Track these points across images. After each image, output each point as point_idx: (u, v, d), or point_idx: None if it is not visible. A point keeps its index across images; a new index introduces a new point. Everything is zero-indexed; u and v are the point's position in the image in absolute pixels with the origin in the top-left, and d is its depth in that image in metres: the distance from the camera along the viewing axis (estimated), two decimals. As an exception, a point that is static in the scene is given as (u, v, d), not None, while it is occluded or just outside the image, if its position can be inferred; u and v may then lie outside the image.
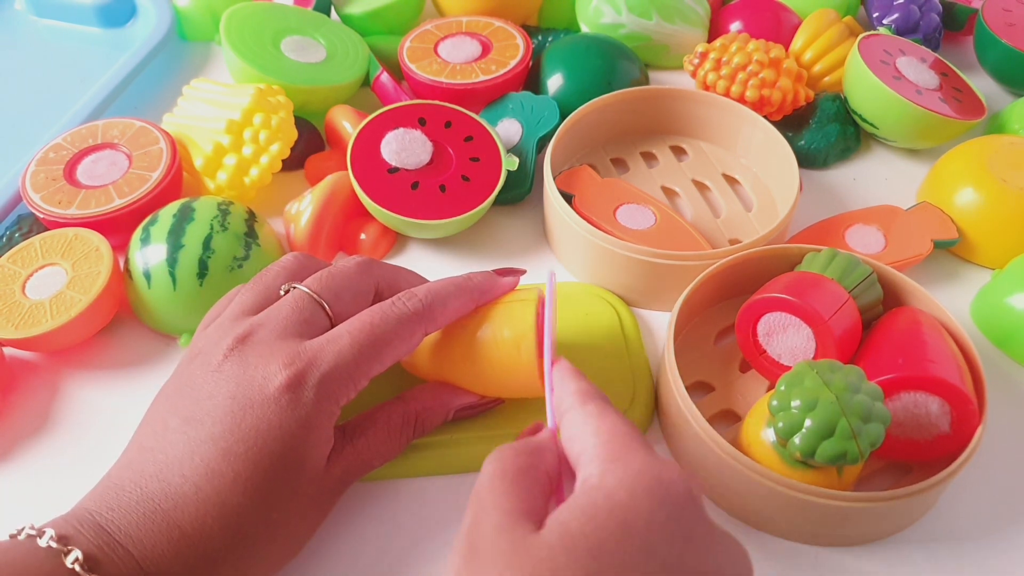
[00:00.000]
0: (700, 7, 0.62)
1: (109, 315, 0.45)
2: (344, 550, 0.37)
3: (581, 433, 0.29)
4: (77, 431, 0.42)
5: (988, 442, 0.41)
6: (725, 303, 0.46)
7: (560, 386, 0.32)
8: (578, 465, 0.29)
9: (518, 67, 0.56)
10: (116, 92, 0.57)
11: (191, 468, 0.31)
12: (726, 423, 0.42)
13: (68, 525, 0.30)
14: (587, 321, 0.45)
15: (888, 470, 0.40)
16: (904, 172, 0.57)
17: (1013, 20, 0.61)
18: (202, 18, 0.65)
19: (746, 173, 0.54)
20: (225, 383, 0.32)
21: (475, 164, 0.50)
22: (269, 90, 0.52)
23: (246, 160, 0.50)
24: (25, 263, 0.45)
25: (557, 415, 0.32)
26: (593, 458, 0.28)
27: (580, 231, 0.46)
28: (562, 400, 0.31)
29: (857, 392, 0.34)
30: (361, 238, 0.50)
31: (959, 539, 0.38)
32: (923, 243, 0.49)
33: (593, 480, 0.27)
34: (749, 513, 0.38)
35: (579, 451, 0.29)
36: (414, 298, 0.35)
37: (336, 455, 0.34)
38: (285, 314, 0.34)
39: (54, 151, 0.50)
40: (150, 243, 0.44)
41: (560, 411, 0.31)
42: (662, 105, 0.55)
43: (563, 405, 0.31)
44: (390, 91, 0.57)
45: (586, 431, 0.29)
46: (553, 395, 0.32)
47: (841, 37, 0.59)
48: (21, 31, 0.67)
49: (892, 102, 0.53)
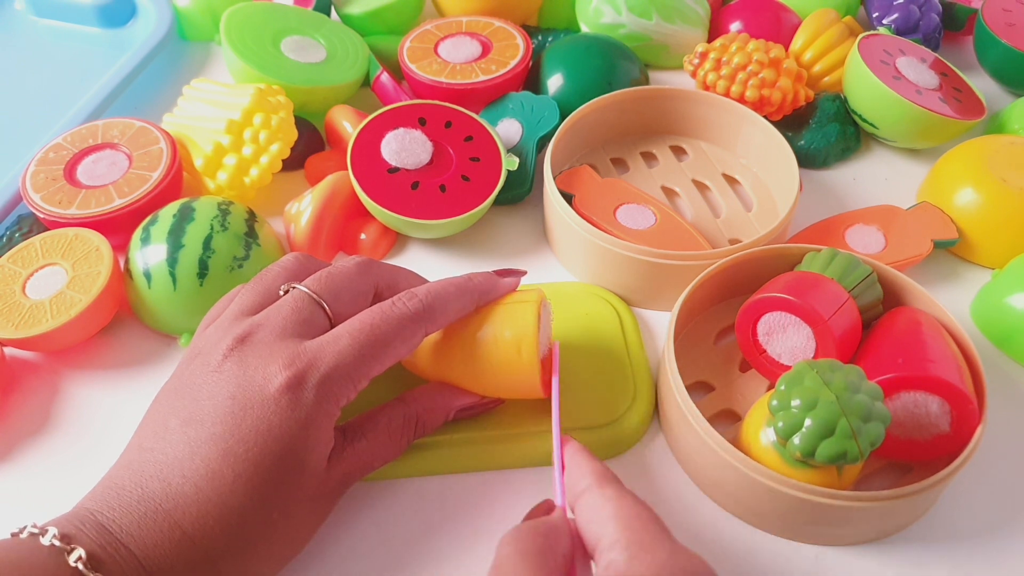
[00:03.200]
0: (700, 7, 0.62)
1: (109, 315, 0.45)
2: (344, 550, 0.37)
3: (600, 517, 0.29)
4: (77, 431, 0.42)
5: (988, 442, 0.41)
6: (725, 303, 0.46)
7: (573, 465, 0.32)
8: (597, 549, 0.29)
9: (518, 67, 0.56)
10: (116, 92, 0.57)
11: (191, 468, 0.31)
12: (726, 423, 0.42)
13: (70, 524, 0.29)
14: (587, 321, 0.45)
15: (888, 470, 0.40)
16: (904, 172, 0.57)
17: (1013, 20, 0.61)
18: (202, 18, 0.65)
19: (746, 173, 0.54)
20: (225, 384, 0.32)
21: (475, 164, 0.50)
22: (269, 90, 0.52)
23: (246, 160, 0.50)
24: (25, 263, 0.45)
25: (571, 495, 0.31)
26: (615, 544, 0.28)
27: (580, 231, 0.46)
28: (577, 481, 0.31)
29: (857, 392, 0.34)
30: (361, 238, 0.50)
31: (959, 539, 0.38)
32: (923, 243, 0.49)
33: (620, 567, 0.27)
34: (749, 513, 0.38)
35: (598, 535, 0.29)
36: (414, 298, 0.35)
37: (337, 456, 0.34)
38: (285, 314, 0.34)
39: (54, 151, 0.50)
40: (150, 243, 0.44)
41: (576, 491, 0.31)
42: (662, 105, 0.55)
43: (578, 485, 0.31)
44: (390, 91, 0.57)
45: (605, 515, 0.29)
46: (564, 474, 0.32)
47: (841, 37, 0.59)
48: (21, 31, 0.67)
49: (892, 102, 0.53)
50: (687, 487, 0.40)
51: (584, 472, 0.31)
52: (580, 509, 0.30)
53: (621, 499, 0.30)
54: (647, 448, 0.41)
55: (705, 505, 0.39)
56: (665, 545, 0.28)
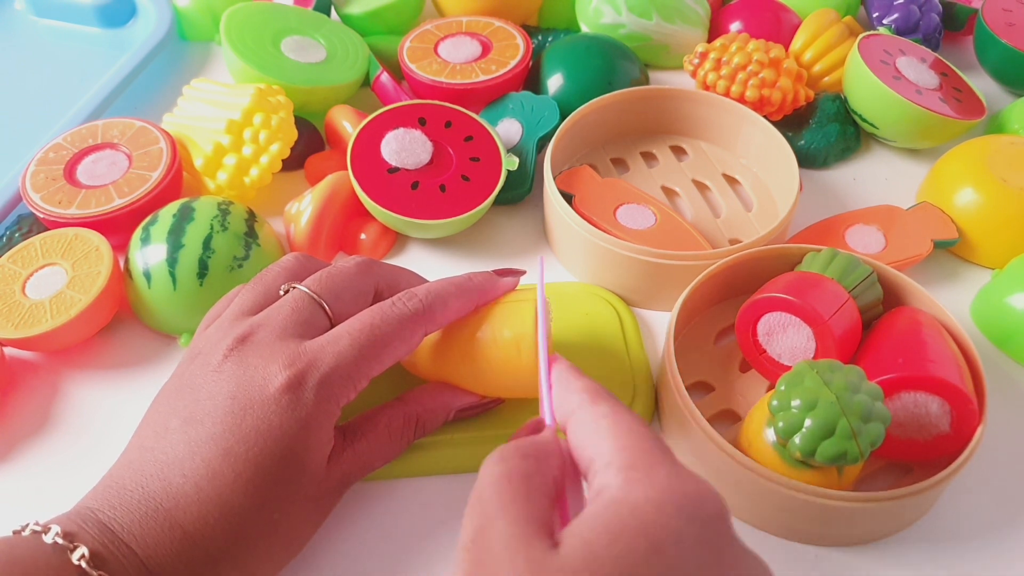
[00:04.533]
0: (700, 7, 0.62)
1: (109, 315, 0.45)
2: (344, 550, 0.37)
3: (593, 436, 0.27)
4: (77, 431, 0.42)
5: (988, 442, 0.41)
6: (725, 303, 0.46)
7: (562, 382, 0.30)
8: (590, 471, 0.26)
9: (518, 67, 0.56)
10: (116, 92, 0.57)
11: (192, 468, 0.31)
12: (726, 423, 0.42)
13: (72, 523, 0.30)
14: (587, 321, 0.45)
15: (888, 470, 0.40)
16: (904, 172, 0.57)
17: (1013, 20, 0.61)
18: (202, 18, 0.65)
19: (746, 173, 0.54)
20: (225, 383, 0.32)
21: (475, 164, 0.50)
22: (269, 90, 0.52)
23: (246, 160, 0.50)
24: (25, 263, 0.45)
25: (562, 414, 0.29)
26: (610, 465, 0.26)
27: (580, 231, 0.46)
28: (567, 398, 0.29)
29: (857, 392, 0.34)
30: (361, 238, 0.50)
31: (959, 539, 0.38)
32: (923, 243, 0.49)
33: (614, 492, 0.25)
34: (749, 513, 0.38)
35: (591, 456, 0.27)
36: (414, 298, 0.35)
37: (337, 456, 0.34)
38: (285, 314, 0.34)
39: (54, 151, 0.50)
40: (150, 243, 0.44)
41: (566, 410, 0.29)
42: (662, 105, 0.55)
43: (568, 403, 0.29)
44: (390, 91, 0.57)
45: (599, 434, 0.27)
46: (552, 391, 0.30)
47: (841, 37, 0.59)
48: (21, 31, 0.67)
49: (892, 102, 0.53)
50: (687, 487, 0.40)
51: (575, 388, 0.29)
52: (571, 428, 0.28)
53: (616, 415, 0.27)
54: (647, 448, 0.41)
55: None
56: (664, 466, 0.25)
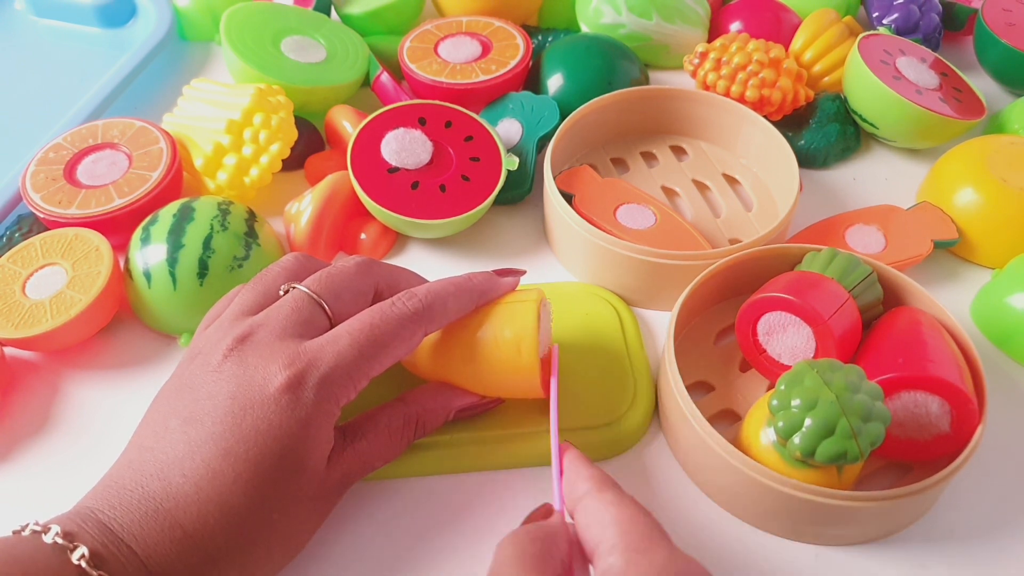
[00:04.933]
0: (700, 7, 0.62)
1: (109, 315, 0.45)
2: (344, 550, 0.37)
3: (599, 521, 0.29)
4: (77, 431, 0.42)
5: (988, 442, 0.41)
6: (725, 303, 0.46)
7: (573, 470, 0.32)
8: (596, 554, 0.29)
9: (518, 67, 0.56)
10: (116, 92, 0.57)
11: (192, 468, 0.31)
12: (726, 423, 0.42)
13: (72, 522, 0.30)
14: (587, 321, 0.45)
15: (888, 470, 0.40)
16: (904, 172, 0.57)
17: (1013, 20, 0.61)
18: (202, 18, 0.65)
19: (746, 173, 0.54)
20: (225, 383, 0.32)
21: (475, 164, 0.50)
22: (269, 90, 0.52)
23: (246, 160, 0.50)
24: (25, 263, 0.45)
25: (570, 500, 0.32)
26: (614, 548, 0.28)
27: (580, 231, 0.46)
28: (576, 485, 0.31)
29: (857, 391, 0.34)
30: (361, 238, 0.50)
31: (959, 539, 0.38)
32: (923, 243, 0.49)
33: (617, 572, 0.27)
34: (749, 513, 0.38)
35: (597, 539, 0.29)
36: (414, 298, 0.35)
37: (337, 456, 0.34)
38: (285, 314, 0.34)
39: (54, 151, 0.50)
40: (150, 243, 0.44)
41: (575, 496, 0.31)
42: (662, 105, 0.55)
43: (577, 490, 0.31)
44: (390, 91, 0.57)
45: (605, 519, 0.29)
46: (562, 478, 0.33)
47: (841, 37, 0.59)
48: (21, 31, 0.67)
49: (892, 102, 0.53)
50: (687, 487, 0.40)
51: (583, 477, 0.32)
52: (579, 514, 0.31)
53: (620, 504, 0.30)
54: (647, 448, 0.41)
55: (705, 505, 0.39)
56: (663, 549, 0.28)
